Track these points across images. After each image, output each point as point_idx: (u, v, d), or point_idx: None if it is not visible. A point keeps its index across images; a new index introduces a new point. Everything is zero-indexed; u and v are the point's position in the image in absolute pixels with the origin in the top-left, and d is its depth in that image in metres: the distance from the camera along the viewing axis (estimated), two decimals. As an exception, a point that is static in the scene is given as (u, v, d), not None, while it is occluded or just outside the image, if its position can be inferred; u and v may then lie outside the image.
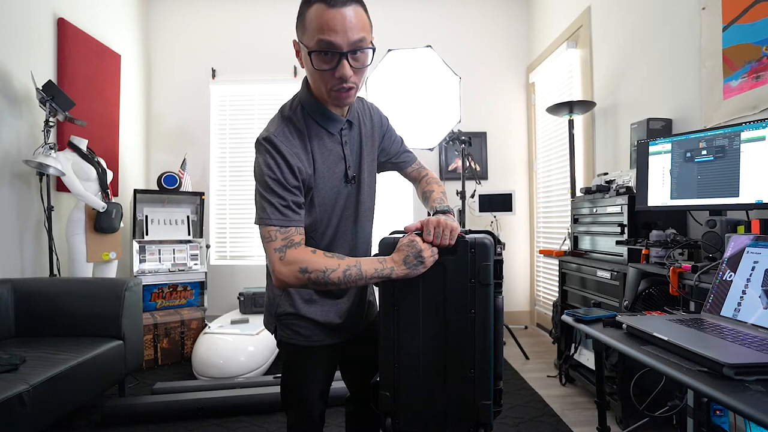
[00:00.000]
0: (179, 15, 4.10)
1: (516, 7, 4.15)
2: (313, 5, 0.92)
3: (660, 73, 2.34)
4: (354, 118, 1.14)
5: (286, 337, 1.15)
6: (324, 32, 0.91)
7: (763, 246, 1.08)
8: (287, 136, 1.01)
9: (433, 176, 1.34)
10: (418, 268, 1.00)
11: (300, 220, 1.01)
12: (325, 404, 1.21)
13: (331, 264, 0.97)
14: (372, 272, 0.99)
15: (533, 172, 4.07)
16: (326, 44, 0.92)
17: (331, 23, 0.90)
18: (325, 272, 0.96)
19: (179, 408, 2.23)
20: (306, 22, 0.94)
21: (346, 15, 0.91)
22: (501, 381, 1.07)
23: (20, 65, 2.64)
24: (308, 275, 0.96)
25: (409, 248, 0.99)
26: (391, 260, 1.00)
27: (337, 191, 1.09)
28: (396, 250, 1.02)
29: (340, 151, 1.09)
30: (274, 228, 0.97)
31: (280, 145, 0.99)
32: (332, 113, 1.06)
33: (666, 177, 1.78)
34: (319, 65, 0.95)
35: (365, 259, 1.01)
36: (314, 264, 0.96)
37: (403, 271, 1.00)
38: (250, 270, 4.00)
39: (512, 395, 2.46)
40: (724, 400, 0.71)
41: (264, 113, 4.12)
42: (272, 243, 0.97)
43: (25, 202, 2.68)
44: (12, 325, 2.23)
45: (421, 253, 0.99)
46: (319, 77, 0.97)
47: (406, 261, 0.99)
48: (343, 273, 0.97)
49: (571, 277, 2.56)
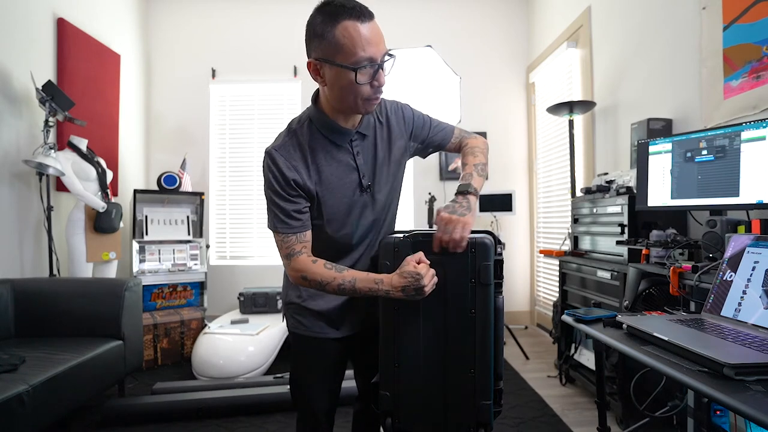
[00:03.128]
0: (179, 15, 4.10)
1: (516, 7, 4.15)
2: (340, 23, 0.93)
3: (660, 73, 2.34)
4: (367, 128, 1.14)
5: (291, 326, 1.20)
6: (366, 47, 0.94)
7: (764, 246, 1.08)
8: (288, 150, 1.06)
9: (473, 144, 1.24)
10: (415, 298, 1.00)
11: (301, 226, 1.07)
12: (332, 404, 1.22)
13: (327, 277, 1.03)
14: (365, 291, 1.03)
15: (533, 172, 4.07)
16: (368, 59, 0.94)
17: (369, 37, 0.94)
18: (321, 283, 1.04)
19: (179, 408, 2.23)
20: (337, 40, 0.93)
21: (376, 27, 0.96)
22: (501, 381, 1.07)
23: (20, 65, 2.64)
24: (308, 282, 1.05)
25: (412, 280, 0.98)
26: (389, 284, 1.01)
27: (350, 200, 1.11)
28: (398, 274, 1.01)
29: (351, 162, 1.11)
30: (279, 235, 1.07)
31: (278, 159, 1.05)
32: (341, 126, 1.08)
33: (666, 177, 1.78)
34: (362, 79, 0.96)
35: (362, 275, 1.04)
36: (312, 275, 1.04)
37: (398, 296, 1.01)
38: (250, 270, 4.00)
39: (512, 395, 2.46)
40: (724, 400, 0.71)
41: (264, 113, 4.13)
42: (281, 250, 1.08)
43: (24, 202, 2.68)
44: (12, 325, 2.22)
45: (423, 288, 0.98)
46: (355, 90, 0.98)
47: (405, 290, 0.99)
48: (337, 286, 1.03)
49: (571, 277, 2.55)
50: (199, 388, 2.45)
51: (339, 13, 0.93)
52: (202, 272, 3.55)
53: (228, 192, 4.12)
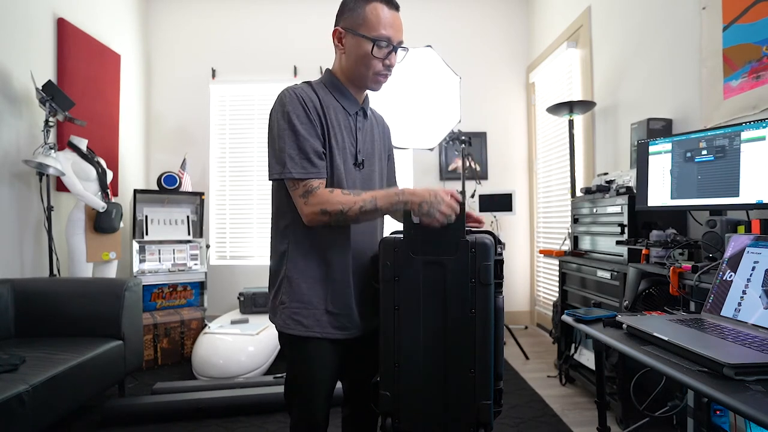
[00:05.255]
0: (179, 15, 4.10)
1: (516, 7, 4.15)
2: (371, 3, 1.11)
3: (660, 73, 2.34)
4: (368, 111, 1.25)
5: (286, 326, 1.12)
6: (387, 27, 1.11)
7: (764, 246, 1.08)
8: (307, 92, 1.13)
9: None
10: (434, 205, 1.02)
11: (318, 172, 1.08)
12: (329, 409, 1.19)
13: (348, 201, 1.05)
14: (387, 207, 1.06)
15: (533, 172, 4.07)
16: (387, 38, 1.11)
17: (392, 21, 1.12)
18: (342, 210, 1.05)
19: (179, 408, 2.23)
20: (365, 14, 1.10)
21: (399, 18, 1.15)
22: (501, 381, 1.07)
23: (20, 65, 2.64)
24: (328, 215, 1.05)
25: (434, 199, 1.02)
26: (411, 192, 1.04)
27: (346, 168, 1.15)
28: (426, 188, 1.04)
29: (352, 131, 1.19)
30: (294, 180, 1.07)
31: (301, 93, 1.10)
32: (351, 94, 1.18)
33: (666, 177, 1.78)
34: (378, 53, 1.12)
35: (381, 193, 1.08)
36: (332, 204, 1.05)
37: (413, 207, 1.04)
38: (250, 270, 4.00)
39: (512, 395, 2.46)
40: (724, 400, 0.71)
41: (264, 113, 4.12)
42: (296, 191, 1.08)
43: (24, 202, 2.68)
44: (12, 325, 2.22)
45: (439, 209, 1.01)
46: (369, 62, 1.12)
47: (422, 204, 1.02)
48: (359, 209, 1.05)
49: (571, 277, 2.56)
50: (199, 388, 2.44)
51: None
52: (202, 272, 3.55)
53: (228, 192, 4.12)
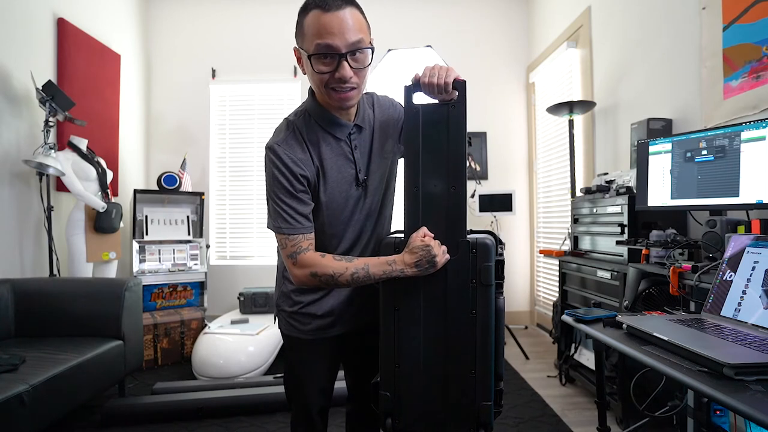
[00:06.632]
0: (179, 15, 4.10)
1: (516, 7, 4.15)
2: (309, 12, 0.96)
3: (660, 73, 2.34)
4: (364, 121, 1.13)
5: (284, 329, 1.20)
6: (322, 36, 0.94)
7: (764, 246, 1.08)
8: (290, 143, 1.04)
9: None
10: (429, 270, 1.00)
11: (307, 227, 1.05)
12: (326, 402, 1.22)
13: (339, 268, 1.01)
14: (380, 274, 1.01)
15: (533, 172, 4.07)
16: (324, 47, 0.95)
17: (329, 26, 0.94)
18: (332, 276, 1.01)
19: (179, 408, 2.23)
20: (304, 28, 0.97)
21: (343, 18, 0.94)
22: (502, 381, 1.07)
23: (20, 65, 2.64)
24: (318, 278, 1.02)
25: (423, 252, 0.99)
26: (402, 262, 1.00)
27: (347, 194, 1.10)
28: (408, 251, 1.01)
29: (349, 156, 1.10)
30: (283, 236, 1.03)
31: (283, 154, 1.02)
32: (338, 119, 1.08)
33: (666, 177, 1.78)
34: (319, 68, 0.97)
35: (374, 260, 1.03)
36: (323, 269, 1.01)
37: (413, 273, 1.00)
38: (250, 270, 4.00)
39: (512, 395, 2.46)
40: (724, 400, 0.71)
41: (264, 113, 4.12)
42: (284, 249, 1.04)
43: (24, 202, 2.68)
44: (12, 325, 2.22)
45: (435, 258, 0.99)
46: (320, 80, 0.99)
47: (419, 265, 0.99)
48: (350, 276, 1.01)
49: (571, 277, 2.55)
50: (199, 388, 2.45)
51: (309, 3, 0.97)
52: (202, 272, 3.55)
53: (228, 192, 4.12)
